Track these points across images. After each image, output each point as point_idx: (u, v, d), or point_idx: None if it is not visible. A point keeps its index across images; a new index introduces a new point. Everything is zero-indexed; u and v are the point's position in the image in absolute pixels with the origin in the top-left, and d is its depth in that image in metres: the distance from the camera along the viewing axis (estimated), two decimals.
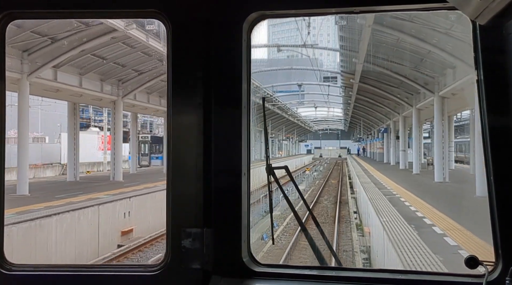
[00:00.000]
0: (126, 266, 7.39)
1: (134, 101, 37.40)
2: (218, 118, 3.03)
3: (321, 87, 60.04)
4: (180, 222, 3.01)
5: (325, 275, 3.02)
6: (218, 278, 2.99)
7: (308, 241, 3.29)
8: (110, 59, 29.74)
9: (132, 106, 39.26)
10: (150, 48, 28.46)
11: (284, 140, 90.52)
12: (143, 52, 29.67)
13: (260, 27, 3.18)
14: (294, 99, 68.27)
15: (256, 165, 3.83)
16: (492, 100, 2.77)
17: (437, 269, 10.65)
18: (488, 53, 2.76)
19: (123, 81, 34.32)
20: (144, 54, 30.18)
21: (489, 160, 2.77)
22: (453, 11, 2.85)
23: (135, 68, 32.76)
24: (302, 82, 60.17)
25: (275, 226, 23.92)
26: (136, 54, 29.92)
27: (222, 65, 3.04)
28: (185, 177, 3.02)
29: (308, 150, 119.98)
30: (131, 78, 34.27)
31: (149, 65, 32.69)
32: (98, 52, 28.13)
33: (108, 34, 24.65)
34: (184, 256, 2.99)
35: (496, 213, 2.75)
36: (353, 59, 34.18)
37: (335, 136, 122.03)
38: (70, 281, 3.11)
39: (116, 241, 22.84)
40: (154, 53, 30.30)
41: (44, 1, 3.14)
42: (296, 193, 4.69)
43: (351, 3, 2.96)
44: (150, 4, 3.06)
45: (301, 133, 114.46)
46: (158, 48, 29.21)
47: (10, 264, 3.10)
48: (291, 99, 67.60)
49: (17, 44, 23.20)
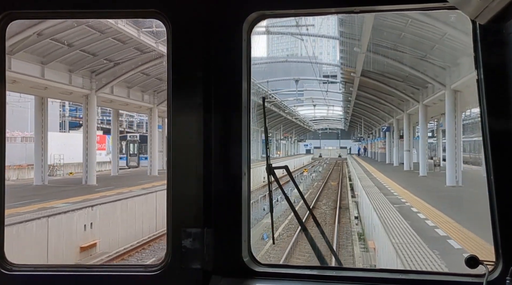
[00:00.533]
0: (126, 266, 7.22)
1: (111, 95, 33.69)
2: (218, 118, 3.04)
3: (320, 85, 57.09)
4: (180, 222, 3.01)
5: (326, 275, 3.05)
6: (218, 278, 3.00)
7: (309, 241, 3.29)
8: (77, 46, 26.06)
9: (109, 101, 35.57)
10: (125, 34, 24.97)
11: (282, 140, 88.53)
12: (116, 39, 26.07)
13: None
14: (291, 97, 65.13)
15: (253, 165, 3.22)
16: (492, 100, 2.78)
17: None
18: (488, 53, 2.76)
19: (96, 73, 30.65)
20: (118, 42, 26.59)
21: (489, 160, 2.78)
22: (453, 11, 2.84)
23: (109, 57, 29.09)
24: (300, 77, 56.88)
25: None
26: (108, 41, 26.29)
27: (222, 65, 3.05)
28: (185, 177, 3.03)
29: (307, 150, 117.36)
30: (106, 69, 30.63)
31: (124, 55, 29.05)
32: (62, 38, 24.47)
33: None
34: (184, 256, 3.00)
35: (497, 213, 2.75)
36: (355, 48, 30.52)
37: (335, 135, 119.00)
38: (70, 281, 3.12)
39: (74, 259, 19.28)
40: (129, 40, 26.76)
41: (43, 1, 3.14)
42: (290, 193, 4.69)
43: (351, 3, 2.97)
44: (150, 4, 3.07)
45: (300, 133, 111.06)
46: (132, 35, 25.68)
47: (11, 264, 3.11)
48: (289, 97, 64.66)
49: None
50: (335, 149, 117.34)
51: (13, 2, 3.09)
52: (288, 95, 64.45)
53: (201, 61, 2.99)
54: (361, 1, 2.93)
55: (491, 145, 2.77)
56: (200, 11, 3.00)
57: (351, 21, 28.02)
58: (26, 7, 3.11)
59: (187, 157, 3.01)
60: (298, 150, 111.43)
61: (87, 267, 5.49)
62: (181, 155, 3.02)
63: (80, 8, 3.13)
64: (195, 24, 2.99)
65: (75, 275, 3.14)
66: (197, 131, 2.99)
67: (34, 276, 3.12)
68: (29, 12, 3.24)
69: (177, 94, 3.00)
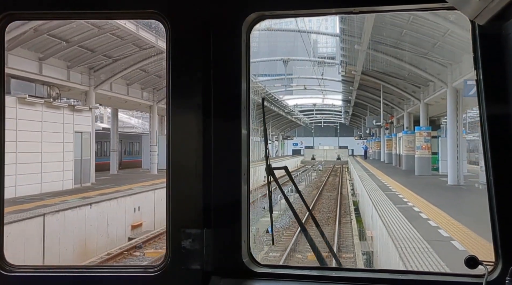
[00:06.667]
0: (126, 267, 6.89)
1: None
2: (218, 118, 3.05)
3: (315, 69, 45.54)
4: (180, 223, 3.03)
5: (325, 275, 3.06)
6: (218, 279, 3.02)
7: (308, 241, 3.30)
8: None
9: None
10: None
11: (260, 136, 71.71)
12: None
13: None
14: (278, 83, 51.76)
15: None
16: (491, 100, 2.79)
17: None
18: (488, 53, 2.77)
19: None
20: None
21: (488, 160, 2.79)
22: (453, 11, 2.84)
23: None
24: (289, 58, 46.28)
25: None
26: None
27: (222, 66, 3.06)
28: (184, 177, 3.05)
29: (296, 151, 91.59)
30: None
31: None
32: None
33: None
34: (184, 257, 3.02)
35: (496, 213, 2.77)
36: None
37: (332, 131, 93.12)
38: (70, 282, 3.14)
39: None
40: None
41: (43, 2, 3.16)
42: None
43: (351, 3, 2.98)
44: (150, 5, 3.08)
45: (287, 128, 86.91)
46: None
47: (10, 265, 3.13)
48: (276, 83, 51.13)
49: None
50: (333, 149, 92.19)
51: (12, 2, 3.12)
52: (274, 82, 51.87)
53: (200, 62, 3.03)
54: (361, 1, 2.97)
55: (490, 146, 2.79)
56: (199, 12, 3.03)
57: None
58: (25, 7, 3.15)
59: (186, 158, 3.04)
60: (284, 150, 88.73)
61: (87, 268, 5.56)
62: (180, 155, 3.04)
63: (79, 9, 3.17)
64: (194, 25, 3.02)
65: (74, 276, 3.16)
66: (196, 132, 3.02)
67: (34, 277, 3.15)
68: (29, 13, 3.29)
69: (177, 94, 3.03)
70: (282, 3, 3.06)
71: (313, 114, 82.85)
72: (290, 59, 47.55)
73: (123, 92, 35.22)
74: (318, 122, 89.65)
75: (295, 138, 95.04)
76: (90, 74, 30.11)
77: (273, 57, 47.75)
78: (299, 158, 79.75)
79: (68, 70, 28.08)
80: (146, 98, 39.30)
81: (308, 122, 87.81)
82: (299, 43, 45.45)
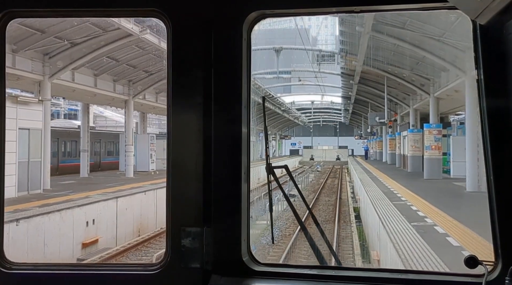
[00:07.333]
0: (126, 265, 6.47)
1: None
2: (218, 117, 3.07)
3: (313, 66, 43.98)
4: (179, 221, 3.04)
5: (325, 274, 3.09)
6: (217, 277, 3.03)
7: (308, 240, 3.32)
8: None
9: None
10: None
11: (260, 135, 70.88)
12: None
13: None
14: (271, 75, 49.60)
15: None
16: (492, 100, 2.80)
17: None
18: (488, 53, 2.79)
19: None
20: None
21: (489, 160, 2.82)
22: (454, 11, 2.85)
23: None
24: (282, 46, 42.54)
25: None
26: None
27: (222, 65, 3.08)
28: (185, 176, 3.06)
29: (294, 151, 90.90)
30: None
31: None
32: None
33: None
34: (184, 255, 3.03)
35: (496, 213, 2.80)
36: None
37: (331, 130, 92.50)
38: (70, 280, 3.15)
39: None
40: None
41: (44, 0, 3.18)
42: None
43: (351, 2, 3.01)
44: (150, 3, 3.11)
45: (285, 127, 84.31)
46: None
47: (10, 263, 3.13)
48: (267, 75, 49.34)
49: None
50: (332, 149, 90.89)
51: (13, 1, 3.12)
52: (271, 79, 50.63)
53: (201, 61, 3.03)
54: (361, 1, 2.98)
55: (490, 145, 2.78)
56: (200, 10, 3.04)
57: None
58: (26, 6, 3.14)
59: (187, 156, 3.03)
60: (282, 150, 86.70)
61: (87, 266, 5.67)
62: (180, 154, 3.04)
63: (80, 7, 3.15)
64: (195, 24, 3.03)
65: (74, 274, 3.16)
66: (197, 130, 3.02)
67: (34, 275, 3.14)
68: (29, 11, 3.30)
69: (177, 93, 3.03)
70: (283, 1, 3.07)
71: (311, 113, 79.78)
72: (282, 47, 43.26)
73: (90, 83, 30.70)
74: (317, 121, 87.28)
75: (293, 137, 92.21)
76: (44, 61, 25.59)
77: (266, 46, 43.44)
78: (297, 159, 77.40)
79: (14, 54, 23.48)
80: (120, 92, 34.80)
81: (306, 121, 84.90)
82: (298, 41, 44.72)
